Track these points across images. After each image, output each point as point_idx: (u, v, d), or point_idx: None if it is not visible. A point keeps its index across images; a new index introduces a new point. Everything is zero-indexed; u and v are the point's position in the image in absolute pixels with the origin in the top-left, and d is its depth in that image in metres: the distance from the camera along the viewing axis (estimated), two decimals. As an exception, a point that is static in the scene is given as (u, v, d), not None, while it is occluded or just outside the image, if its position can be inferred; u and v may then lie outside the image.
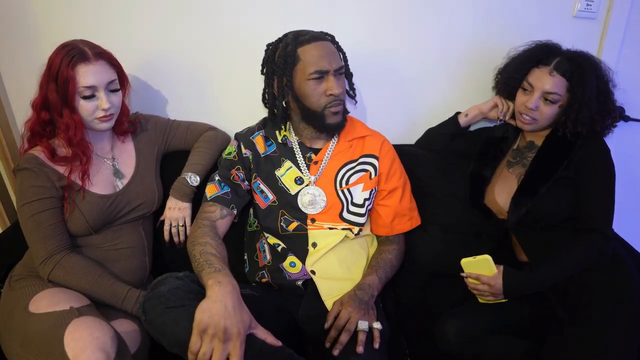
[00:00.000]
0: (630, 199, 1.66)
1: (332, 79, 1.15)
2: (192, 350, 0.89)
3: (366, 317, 1.09)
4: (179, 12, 1.44)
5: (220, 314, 0.90)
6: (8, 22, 1.41)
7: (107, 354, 0.95)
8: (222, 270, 1.00)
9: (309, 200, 1.23)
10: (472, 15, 1.51)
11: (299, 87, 1.17)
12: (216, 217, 1.21)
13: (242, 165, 1.27)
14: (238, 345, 0.90)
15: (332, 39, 1.22)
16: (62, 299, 1.08)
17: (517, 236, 1.31)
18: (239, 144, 1.28)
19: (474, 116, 1.46)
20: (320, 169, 1.25)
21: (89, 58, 1.12)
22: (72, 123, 1.14)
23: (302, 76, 1.15)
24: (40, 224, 1.14)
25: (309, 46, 1.14)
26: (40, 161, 1.16)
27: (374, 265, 1.24)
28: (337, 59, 1.18)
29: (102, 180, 1.23)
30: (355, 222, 1.25)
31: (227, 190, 1.24)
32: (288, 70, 1.15)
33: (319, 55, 1.14)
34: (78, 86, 1.11)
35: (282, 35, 1.22)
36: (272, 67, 1.19)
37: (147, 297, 0.96)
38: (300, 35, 1.17)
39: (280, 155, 1.26)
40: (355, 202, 1.25)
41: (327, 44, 1.17)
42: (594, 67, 1.22)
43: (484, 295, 1.23)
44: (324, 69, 1.14)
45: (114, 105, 1.18)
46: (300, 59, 1.15)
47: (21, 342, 1.01)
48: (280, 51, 1.17)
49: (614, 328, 1.10)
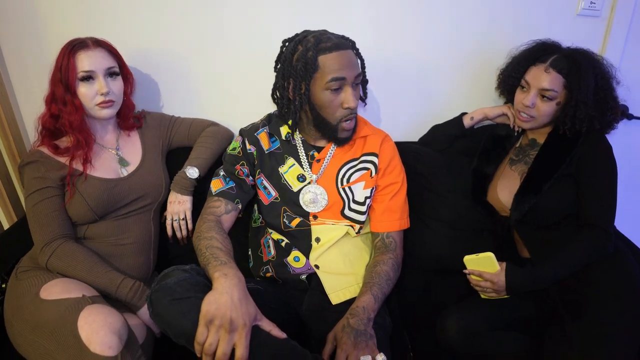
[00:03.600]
0: (633, 196, 1.67)
1: (350, 90, 1.14)
2: (199, 340, 0.90)
3: (366, 349, 1.00)
4: (184, 12, 1.46)
5: (227, 306, 0.91)
6: (16, 23, 1.43)
7: (120, 338, 0.97)
8: (228, 263, 1.01)
9: (311, 198, 1.23)
10: (476, 15, 1.52)
11: (316, 96, 1.14)
12: (221, 212, 1.22)
13: (246, 161, 1.28)
14: (244, 336, 0.91)
15: (353, 46, 1.19)
16: (75, 288, 1.10)
17: (520, 233, 1.32)
18: (243, 139, 1.29)
19: (479, 120, 1.47)
20: (322, 167, 1.25)
21: (88, 45, 1.19)
22: (72, 107, 1.18)
23: (320, 85, 1.12)
24: (40, 212, 1.17)
25: (330, 55, 1.11)
26: (43, 154, 1.21)
27: (368, 282, 1.18)
28: (357, 68, 1.15)
29: (104, 166, 1.26)
30: (356, 219, 1.26)
31: (232, 185, 1.25)
32: (308, 77, 1.12)
33: (339, 66, 1.11)
34: (77, 70, 1.17)
35: (302, 34, 1.17)
36: (289, 70, 1.15)
37: (154, 289, 0.98)
38: (322, 41, 1.12)
39: (283, 152, 1.27)
40: (356, 199, 1.26)
41: (349, 54, 1.13)
42: (592, 63, 1.22)
43: (487, 292, 1.24)
44: (342, 80, 1.12)
45: (113, 91, 1.22)
46: (320, 67, 1.11)
47: (32, 327, 1.03)
48: (300, 55, 1.13)
49: (615, 324, 1.10)
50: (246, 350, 0.91)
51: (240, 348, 0.90)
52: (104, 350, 0.94)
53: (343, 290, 1.20)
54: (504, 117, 1.43)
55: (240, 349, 0.90)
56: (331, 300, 1.19)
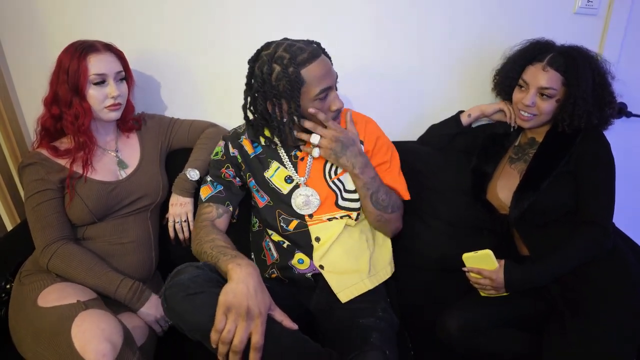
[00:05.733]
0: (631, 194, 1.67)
1: (334, 93, 1.15)
2: (218, 328, 0.92)
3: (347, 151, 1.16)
4: (184, 14, 1.47)
5: (244, 294, 0.94)
6: (18, 23, 1.44)
7: (114, 344, 0.98)
8: (238, 255, 1.05)
9: (303, 201, 1.23)
10: (473, 14, 1.53)
11: (304, 109, 1.14)
12: (214, 216, 1.23)
13: (230, 164, 1.28)
14: (259, 324, 0.94)
15: (320, 47, 1.17)
16: (70, 293, 1.10)
17: (519, 231, 1.32)
18: (226, 143, 1.30)
19: (477, 117, 1.48)
20: (307, 166, 1.25)
21: (99, 49, 1.20)
22: (81, 110, 1.19)
23: (309, 98, 1.12)
24: (40, 214, 1.18)
25: (311, 66, 1.10)
26: (43, 156, 1.21)
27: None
28: (334, 71, 1.16)
29: (104, 169, 1.26)
30: (351, 207, 1.26)
31: (220, 188, 1.27)
32: (296, 95, 1.10)
33: (322, 74, 1.11)
34: (89, 74, 1.17)
35: (269, 51, 1.12)
36: (270, 91, 1.11)
37: (168, 285, 0.99)
38: (296, 54, 1.09)
39: (267, 156, 1.26)
40: (347, 189, 1.26)
41: (324, 59, 1.13)
42: (588, 60, 1.23)
43: (486, 289, 1.24)
44: (328, 88, 1.12)
45: (122, 94, 1.24)
46: (306, 81, 1.10)
47: (32, 335, 1.04)
48: (279, 74, 1.09)
49: (614, 320, 1.11)
50: (262, 337, 0.93)
51: (256, 335, 0.93)
52: (98, 359, 0.95)
53: (350, 288, 1.20)
54: (501, 113, 1.44)
55: (256, 336, 0.93)
56: (340, 299, 1.19)
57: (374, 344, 1.04)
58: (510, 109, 1.40)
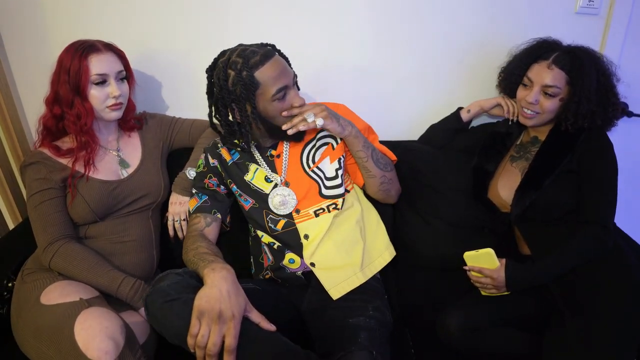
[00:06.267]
0: (634, 194, 1.67)
1: (293, 91, 1.15)
2: (192, 333, 0.93)
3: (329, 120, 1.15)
4: (185, 13, 1.47)
5: (216, 298, 0.95)
6: (20, 23, 1.45)
7: (116, 342, 0.98)
8: (215, 260, 1.06)
9: (280, 201, 1.24)
10: (474, 13, 1.53)
11: (265, 110, 1.15)
12: (202, 226, 1.25)
13: (212, 173, 1.30)
14: (232, 327, 0.94)
15: (275, 48, 1.19)
16: (72, 291, 1.11)
17: (520, 229, 1.32)
18: (206, 155, 1.32)
19: (476, 112, 1.49)
20: (283, 163, 1.26)
21: (100, 49, 1.20)
22: (83, 110, 1.19)
23: (266, 99, 1.13)
24: (42, 213, 1.19)
25: (264, 68, 1.11)
26: (45, 155, 1.22)
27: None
28: (290, 70, 1.16)
29: (105, 168, 1.27)
30: (336, 194, 1.26)
31: (205, 198, 1.28)
32: (251, 97, 1.12)
33: (277, 74, 1.12)
34: (90, 74, 1.18)
35: (223, 59, 1.14)
36: (228, 97, 1.13)
37: (149, 292, 1.01)
38: (249, 57, 1.11)
39: (244, 160, 1.28)
40: (328, 176, 1.26)
41: (278, 59, 1.14)
42: (594, 60, 1.23)
43: (487, 288, 1.24)
44: (284, 87, 1.13)
45: (123, 93, 1.24)
46: (260, 83, 1.11)
47: (34, 333, 1.05)
48: (235, 79, 1.11)
49: (615, 319, 1.11)
50: (235, 340, 0.94)
51: (229, 338, 0.94)
52: (101, 357, 0.95)
53: (342, 284, 1.20)
54: (499, 107, 1.44)
55: (229, 339, 0.93)
56: (332, 296, 1.19)
57: (362, 343, 1.04)
58: (508, 103, 1.40)
